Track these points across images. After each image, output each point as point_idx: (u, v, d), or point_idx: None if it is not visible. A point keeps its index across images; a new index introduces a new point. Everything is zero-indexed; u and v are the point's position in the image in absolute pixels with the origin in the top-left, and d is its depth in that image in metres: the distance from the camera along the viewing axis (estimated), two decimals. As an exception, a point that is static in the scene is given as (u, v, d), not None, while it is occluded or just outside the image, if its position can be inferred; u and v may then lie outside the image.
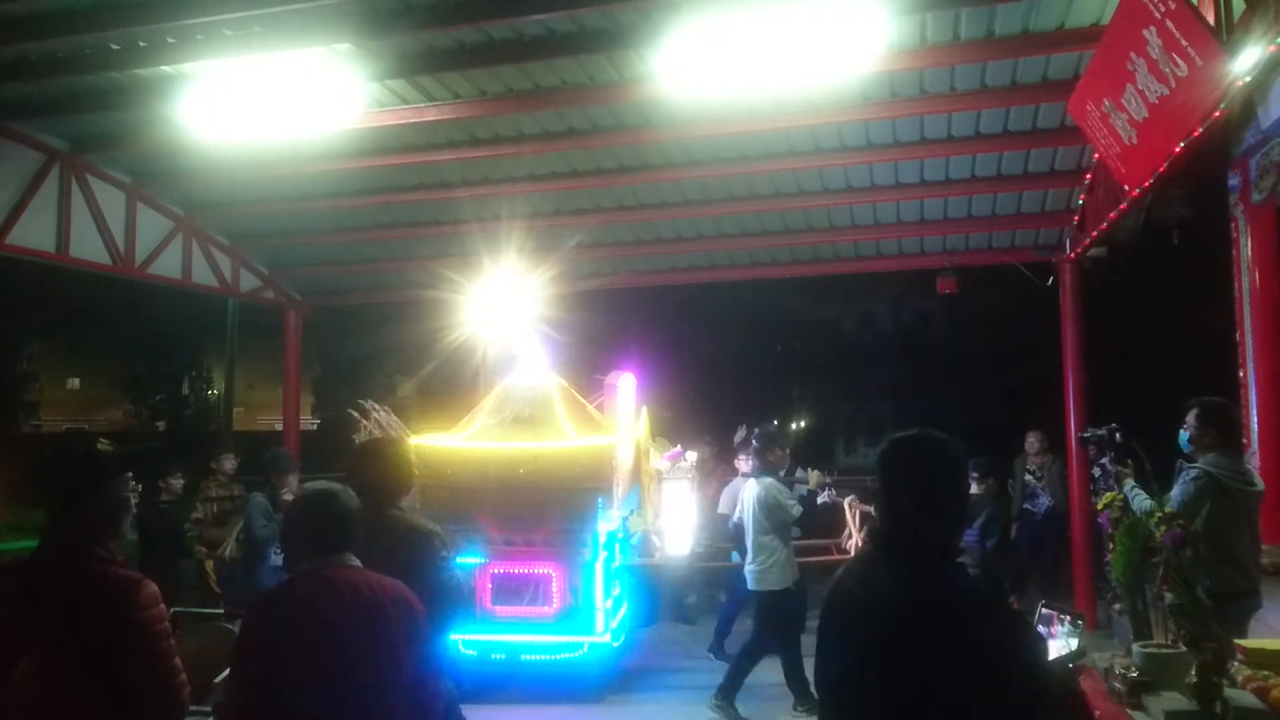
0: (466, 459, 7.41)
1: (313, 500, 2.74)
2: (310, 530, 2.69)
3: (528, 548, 7.34)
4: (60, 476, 2.71)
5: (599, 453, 7.37)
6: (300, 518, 2.73)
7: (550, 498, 7.21)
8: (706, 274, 11.86)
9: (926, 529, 2.21)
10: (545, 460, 7.30)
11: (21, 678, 2.53)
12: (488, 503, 7.26)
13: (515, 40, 6.55)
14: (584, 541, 7.28)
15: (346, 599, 2.58)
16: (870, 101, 7.40)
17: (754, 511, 6.96)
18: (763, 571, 6.95)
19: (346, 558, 2.67)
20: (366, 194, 9.70)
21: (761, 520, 6.92)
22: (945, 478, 2.30)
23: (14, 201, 8.27)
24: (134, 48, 6.51)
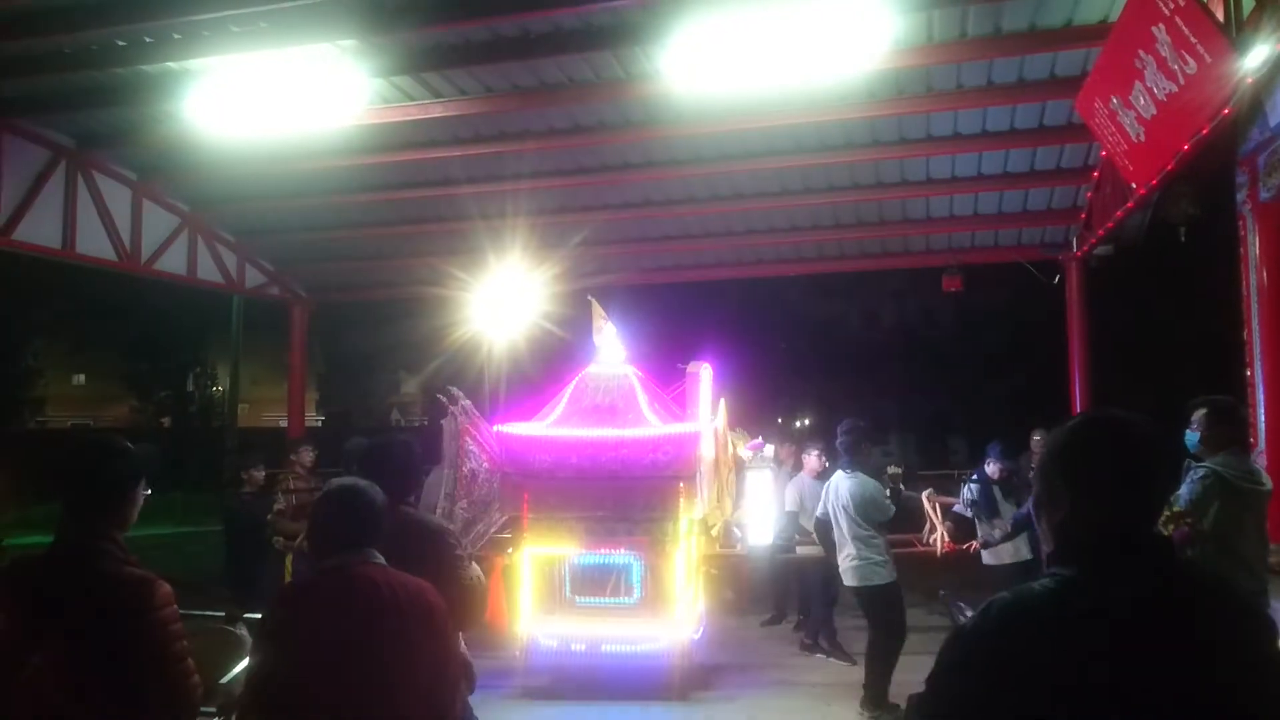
0: (549, 447, 7.19)
1: (339, 496, 2.73)
2: (336, 526, 2.68)
3: (609, 537, 7.11)
4: (83, 473, 2.69)
5: (683, 440, 7.17)
6: (327, 513, 2.72)
7: (633, 485, 6.93)
8: (712, 271, 11.86)
9: (1149, 525, 1.83)
10: (629, 448, 7.06)
11: (33, 675, 2.51)
12: (569, 491, 7.06)
13: (521, 37, 6.54)
14: (666, 530, 7.04)
15: (367, 595, 2.57)
16: (876, 99, 7.39)
17: (848, 507, 6.76)
18: (865, 567, 6.73)
19: (371, 554, 2.66)
20: (372, 190, 9.70)
21: (856, 516, 6.76)
22: (1170, 460, 1.94)
23: (20, 198, 8.29)
24: (140, 44, 6.52)
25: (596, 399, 7.23)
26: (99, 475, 2.73)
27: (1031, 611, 1.71)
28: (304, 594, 2.72)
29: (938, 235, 10.58)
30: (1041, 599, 1.71)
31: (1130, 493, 1.79)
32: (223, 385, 39.10)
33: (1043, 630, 1.66)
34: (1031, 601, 1.71)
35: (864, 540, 6.75)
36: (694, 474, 7.02)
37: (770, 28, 5.94)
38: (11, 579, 2.68)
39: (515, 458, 6.95)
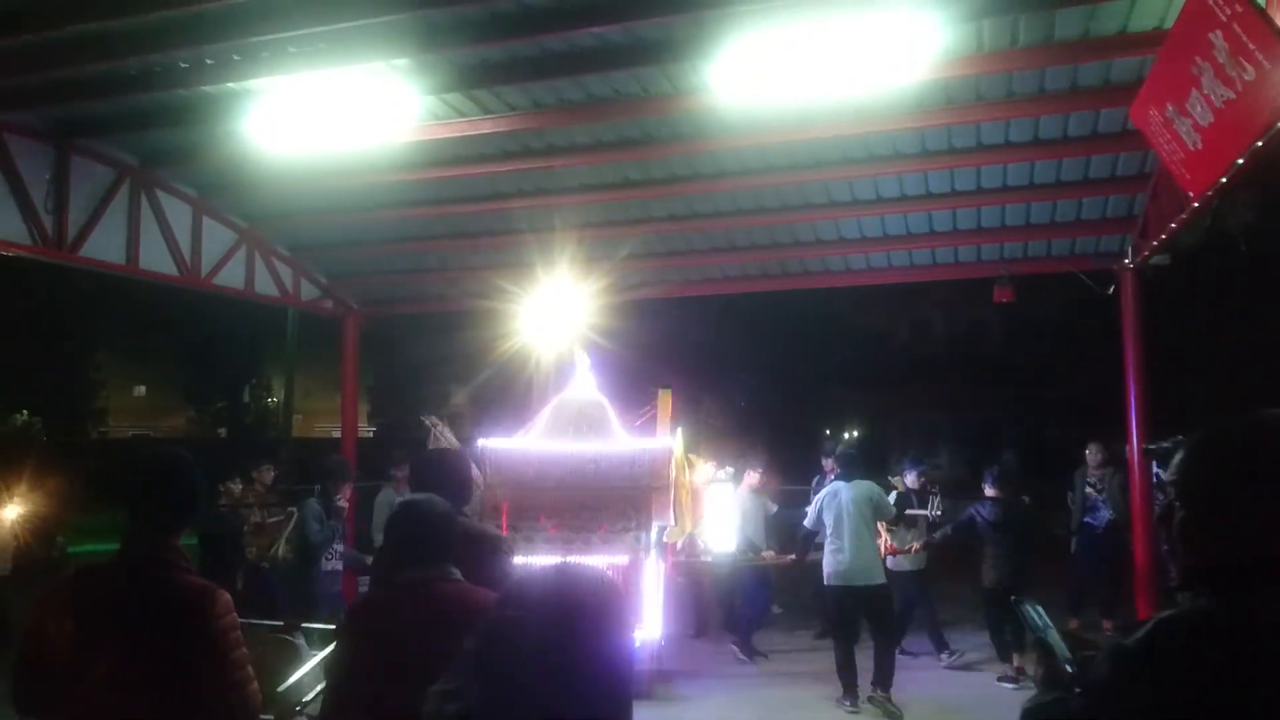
0: (532, 460, 7.63)
1: (414, 511, 2.76)
2: (412, 540, 2.71)
3: (585, 545, 7.52)
4: (149, 484, 2.76)
5: (657, 455, 7.62)
6: (403, 527, 2.75)
7: (610, 497, 7.46)
8: (759, 283, 11.83)
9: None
10: (606, 461, 7.53)
11: (94, 682, 2.57)
12: (549, 502, 7.49)
13: (569, 52, 6.61)
14: (639, 539, 7.49)
15: (440, 611, 2.58)
16: (925, 108, 7.33)
17: (859, 511, 7.49)
18: (873, 567, 7.57)
19: (448, 570, 2.68)
20: (423, 205, 9.85)
21: (869, 517, 7.55)
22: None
23: (87, 215, 8.56)
24: (202, 65, 6.71)
25: (574, 420, 7.74)
26: (164, 486, 2.80)
27: (1205, 633, 1.60)
28: (377, 608, 2.76)
29: (989, 245, 10.44)
30: (1214, 620, 1.61)
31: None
32: (277, 397, 39.81)
33: (1218, 653, 1.56)
34: (1202, 622, 1.62)
35: (868, 542, 7.55)
36: (666, 487, 7.57)
37: (818, 40, 5.94)
38: (77, 586, 2.75)
39: (500, 470, 7.27)
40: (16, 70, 6.68)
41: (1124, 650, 1.64)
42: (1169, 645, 1.61)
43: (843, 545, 7.45)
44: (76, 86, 7.10)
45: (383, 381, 40.29)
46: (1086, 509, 10.26)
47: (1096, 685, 1.67)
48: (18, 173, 7.96)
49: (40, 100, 7.37)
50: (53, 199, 8.25)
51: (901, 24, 5.79)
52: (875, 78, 6.35)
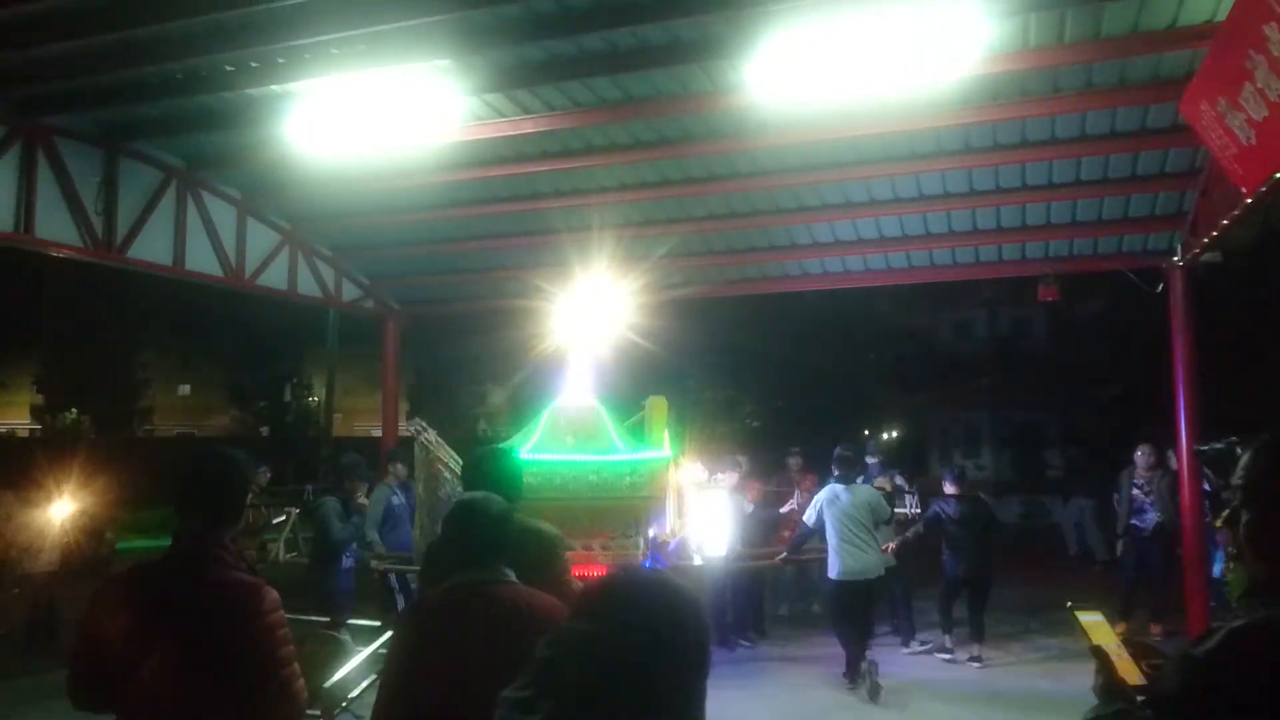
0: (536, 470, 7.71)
1: (470, 509, 2.75)
2: (466, 540, 2.70)
3: (585, 553, 7.60)
4: (198, 481, 2.79)
5: (655, 466, 7.74)
6: (458, 526, 2.74)
7: (610, 506, 7.52)
8: (799, 282, 11.75)
9: None
10: (608, 471, 7.62)
11: (149, 676, 2.60)
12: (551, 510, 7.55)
13: (608, 52, 6.61)
14: (637, 547, 7.56)
15: (492, 613, 2.58)
16: (969, 105, 7.24)
17: (859, 512, 7.90)
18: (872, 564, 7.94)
19: (502, 571, 2.67)
20: (462, 205, 9.91)
21: (867, 519, 7.92)
22: None
23: (135, 217, 8.72)
24: (246, 69, 6.80)
25: (571, 428, 7.78)
26: (213, 484, 2.83)
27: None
28: (431, 608, 2.76)
29: (1034, 243, 10.29)
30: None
31: None
32: (318, 396, 40.31)
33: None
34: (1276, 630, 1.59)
35: (869, 540, 7.90)
36: (664, 497, 7.67)
37: (860, 37, 5.89)
38: (130, 582, 2.78)
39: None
40: (68, 74, 6.82)
41: (1195, 660, 1.59)
42: (1242, 655, 1.56)
43: (845, 544, 7.91)
44: (125, 90, 7.23)
45: (422, 380, 40.66)
46: (1134, 511, 10.07)
47: (1167, 697, 1.62)
48: (69, 175, 8.13)
49: (90, 104, 7.53)
50: (102, 201, 8.42)
51: (946, 20, 5.72)
52: (919, 75, 6.27)
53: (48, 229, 8.07)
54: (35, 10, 5.84)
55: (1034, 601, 10.95)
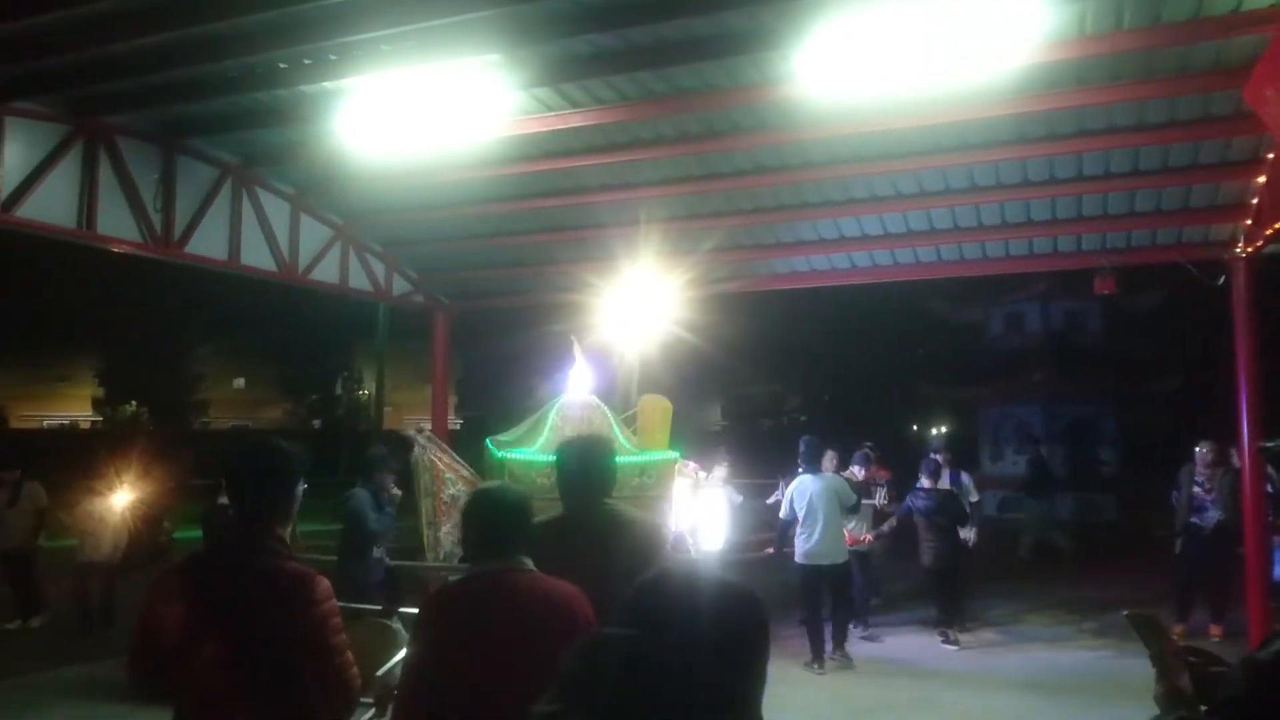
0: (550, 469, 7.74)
1: (485, 501, 2.79)
2: (484, 530, 2.74)
3: None
4: (250, 473, 2.84)
5: (664, 465, 7.80)
6: (475, 518, 2.79)
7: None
8: (848, 276, 11.62)
9: None
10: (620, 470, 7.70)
11: (204, 663, 2.65)
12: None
13: (655, 45, 6.59)
14: None
15: (510, 602, 2.61)
16: (1024, 94, 7.09)
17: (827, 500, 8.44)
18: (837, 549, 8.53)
19: (520, 560, 2.71)
20: (510, 200, 9.95)
21: (836, 507, 8.48)
22: None
23: (192, 213, 8.90)
24: (299, 66, 6.88)
25: (578, 426, 7.79)
26: (264, 475, 2.87)
27: None
28: (451, 597, 2.79)
29: (1090, 235, 10.07)
30: None
31: None
32: (368, 389, 40.86)
33: None
34: None
35: (834, 527, 8.43)
36: (671, 494, 7.83)
37: (912, 27, 5.79)
38: (185, 571, 2.84)
39: (516, 477, 7.41)
40: (127, 74, 6.96)
41: (1260, 664, 1.56)
42: None
43: (813, 531, 8.40)
44: (182, 88, 7.36)
45: (470, 374, 41.01)
46: (1194, 509, 9.83)
47: (1231, 701, 1.58)
48: (128, 173, 8.32)
49: (149, 102, 7.67)
50: (161, 198, 8.60)
51: (1001, 8, 5.61)
52: (973, 64, 6.16)
53: (109, 225, 8.27)
54: (95, 11, 5.96)
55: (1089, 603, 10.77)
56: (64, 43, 6.39)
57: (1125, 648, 8.38)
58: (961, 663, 8.62)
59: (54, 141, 7.81)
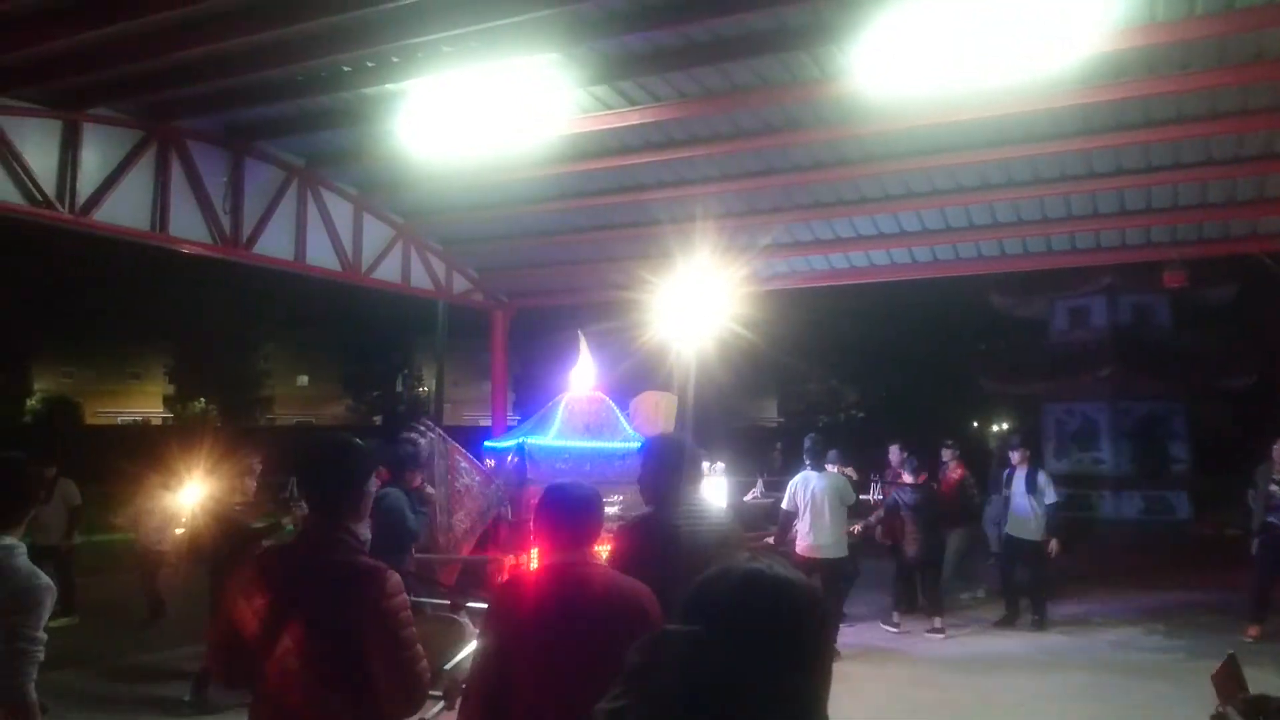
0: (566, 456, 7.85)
1: (559, 495, 2.83)
2: (557, 524, 2.78)
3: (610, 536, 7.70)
4: (322, 469, 2.90)
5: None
6: (549, 512, 2.82)
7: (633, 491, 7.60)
8: (908, 271, 11.50)
9: None
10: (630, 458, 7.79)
11: (282, 656, 2.71)
12: None
13: (713, 41, 6.58)
14: None
15: (578, 595, 2.64)
16: (1090, 84, 6.93)
17: (831, 497, 8.57)
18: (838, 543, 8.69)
19: (585, 554, 2.74)
20: (568, 198, 10.02)
21: (838, 503, 8.61)
22: None
23: (259, 214, 9.11)
24: (362, 68, 7.01)
25: (586, 419, 8.04)
26: (337, 471, 2.92)
27: None
28: (521, 589, 2.83)
29: (1160, 227, 9.82)
30: None
31: None
32: (428, 386, 41.42)
33: None
34: None
35: (841, 523, 8.64)
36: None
37: (976, 15, 5.71)
38: (262, 565, 2.91)
39: (539, 466, 7.44)
40: (198, 78, 7.16)
41: None
42: None
43: (814, 525, 8.56)
44: (250, 92, 7.55)
45: (526, 371, 41.32)
46: (1271, 508, 9.52)
47: None
48: (198, 175, 8.56)
49: (218, 107, 7.89)
50: (229, 199, 8.83)
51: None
52: (1039, 55, 6.04)
53: (180, 227, 8.52)
54: (168, 19, 6.13)
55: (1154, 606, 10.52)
56: (138, 50, 6.58)
57: (1196, 653, 8.18)
58: (1024, 663, 8.46)
59: (128, 146, 8.07)
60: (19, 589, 2.89)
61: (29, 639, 2.86)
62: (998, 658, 8.58)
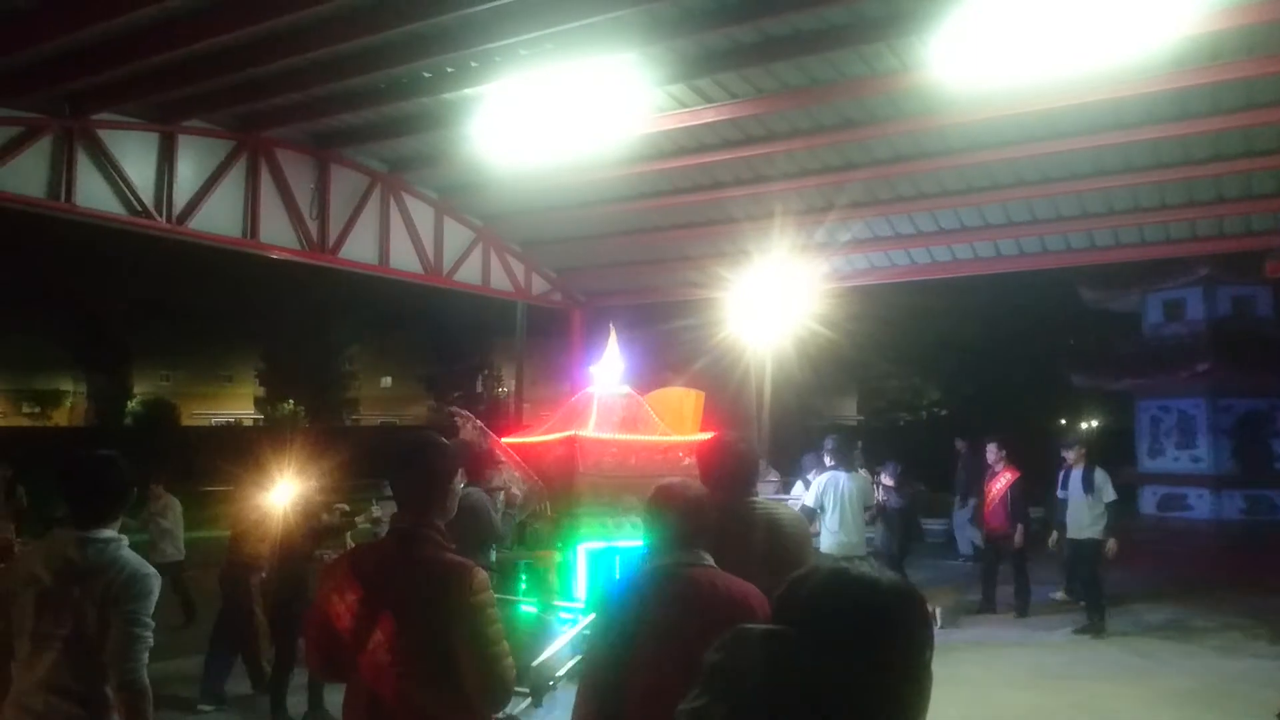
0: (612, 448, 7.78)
1: (670, 496, 2.82)
2: (667, 524, 2.77)
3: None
4: (409, 467, 2.96)
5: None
6: (660, 512, 2.81)
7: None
8: (992, 264, 11.22)
9: None
10: (671, 450, 7.77)
11: (373, 649, 2.77)
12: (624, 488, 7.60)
13: (791, 36, 6.52)
14: None
15: (687, 594, 2.63)
16: (1185, 67, 6.67)
17: (853, 497, 8.73)
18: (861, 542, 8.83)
19: (700, 555, 2.73)
20: (645, 198, 10.04)
21: (859, 505, 8.83)
22: None
23: (345, 219, 9.35)
24: (442, 74, 7.14)
25: (620, 413, 7.94)
26: (423, 469, 2.97)
27: None
28: (629, 588, 2.83)
29: (1260, 215, 9.39)
30: None
31: None
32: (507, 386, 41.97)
33: None
34: None
35: (860, 522, 8.84)
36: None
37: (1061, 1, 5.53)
38: (354, 561, 2.98)
39: (588, 457, 7.39)
40: (285, 89, 7.37)
41: None
42: None
43: (842, 524, 8.68)
44: (334, 100, 7.76)
45: (604, 370, 41.53)
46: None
47: None
48: (287, 183, 8.82)
49: (305, 115, 8.11)
50: (316, 205, 9.08)
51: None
52: (1129, 38, 5.83)
53: (270, 233, 8.79)
54: (255, 33, 6.33)
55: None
56: (230, 62, 6.81)
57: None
58: (1120, 670, 8.18)
59: (220, 156, 8.36)
60: (131, 577, 3.01)
61: (143, 624, 2.98)
62: (1094, 664, 8.31)
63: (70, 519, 3.05)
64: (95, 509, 3.07)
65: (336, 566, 2.95)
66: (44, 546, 3.13)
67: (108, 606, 2.94)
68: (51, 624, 2.93)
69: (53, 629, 2.93)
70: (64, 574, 2.97)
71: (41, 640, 2.94)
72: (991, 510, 10.18)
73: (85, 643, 2.93)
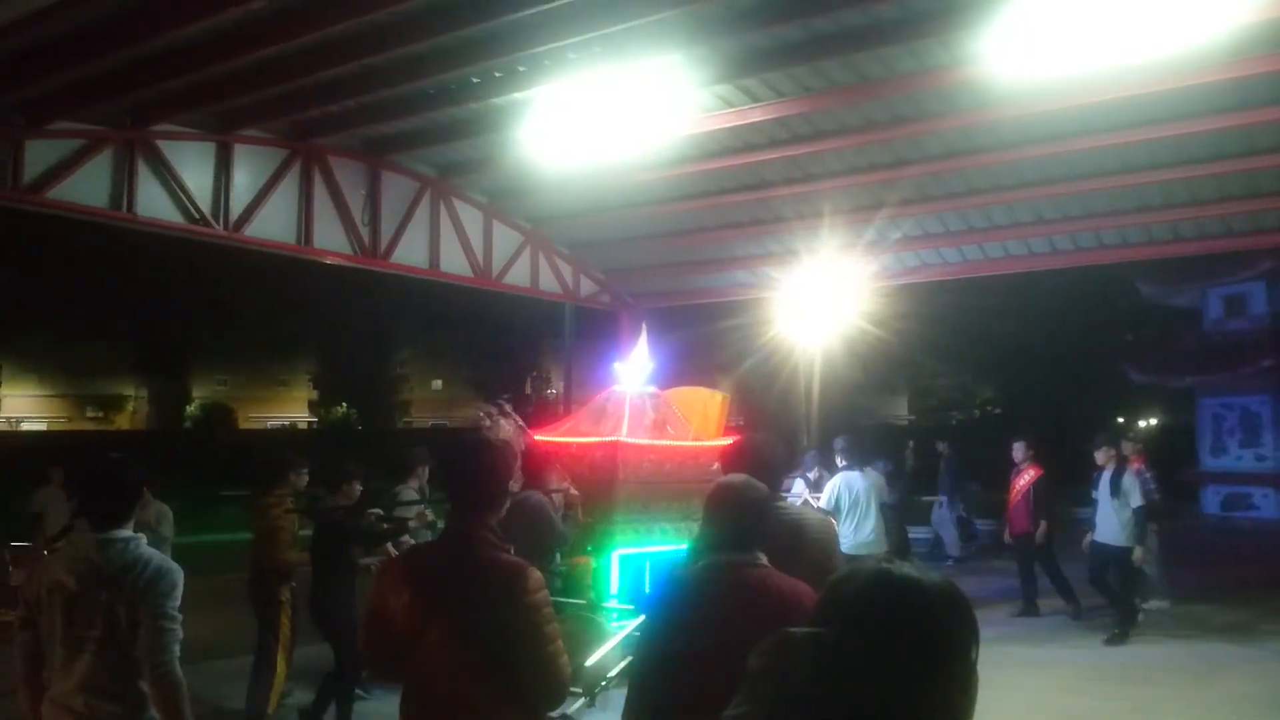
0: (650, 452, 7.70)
1: (729, 494, 2.82)
2: (724, 523, 2.77)
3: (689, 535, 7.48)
4: (465, 469, 2.99)
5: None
6: (718, 510, 2.82)
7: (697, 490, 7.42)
8: (1048, 260, 11.02)
9: None
10: (703, 455, 7.71)
11: (428, 648, 2.81)
12: (660, 493, 7.58)
13: (838, 33, 6.47)
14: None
15: (737, 594, 2.63)
16: (1244, 56, 6.48)
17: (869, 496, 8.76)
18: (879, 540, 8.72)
19: (754, 555, 2.73)
20: (692, 198, 10.03)
21: (876, 503, 8.84)
22: None
23: (396, 224, 9.48)
24: (490, 79, 7.20)
25: (651, 414, 7.83)
26: (478, 471, 3.00)
27: None
28: (679, 587, 2.83)
29: (1327, 206, 9.11)
30: None
31: None
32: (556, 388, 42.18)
33: None
34: None
35: (877, 520, 8.72)
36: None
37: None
38: (410, 562, 3.02)
39: (628, 464, 7.34)
40: (337, 97, 7.50)
41: None
42: None
43: (860, 525, 8.66)
44: (385, 108, 7.87)
45: (652, 371, 41.56)
46: None
47: None
48: (339, 190, 8.97)
49: (356, 123, 8.25)
50: (368, 211, 9.22)
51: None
52: (1185, 26, 5.69)
53: (323, 239, 8.95)
54: (308, 42, 6.45)
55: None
56: (284, 72, 6.94)
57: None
58: (1180, 673, 7.97)
59: (275, 164, 8.52)
60: (156, 573, 3.07)
61: (171, 618, 3.04)
62: (1152, 666, 8.12)
63: (85, 522, 3.12)
64: (112, 510, 3.14)
65: (392, 567, 2.99)
66: (64, 552, 3.20)
67: (136, 604, 3.00)
68: (83, 627, 3.00)
69: (84, 632, 2.99)
70: (88, 577, 3.02)
71: (74, 644, 3.00)
72: (1014, 507, 10.00)
73: (117, 642, 2.99)
